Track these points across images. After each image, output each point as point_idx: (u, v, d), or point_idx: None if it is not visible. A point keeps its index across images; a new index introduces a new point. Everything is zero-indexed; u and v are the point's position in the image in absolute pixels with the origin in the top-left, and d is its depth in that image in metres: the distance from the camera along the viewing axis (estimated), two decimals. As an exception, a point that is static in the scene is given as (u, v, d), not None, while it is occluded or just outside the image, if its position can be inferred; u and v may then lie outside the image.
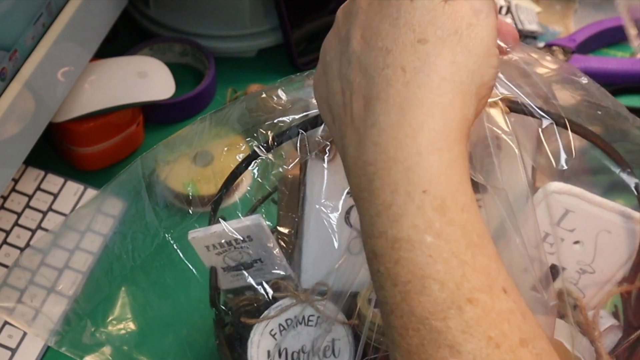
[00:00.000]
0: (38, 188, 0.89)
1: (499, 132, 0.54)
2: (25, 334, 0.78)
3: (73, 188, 0.89)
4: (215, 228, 0.62)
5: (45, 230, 0.86)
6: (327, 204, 0.62)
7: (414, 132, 0.46)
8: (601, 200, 0.58)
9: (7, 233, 0.86)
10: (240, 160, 0.62)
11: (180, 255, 0.63)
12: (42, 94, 0.81)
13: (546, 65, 0.57)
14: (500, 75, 0.55)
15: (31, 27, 0.77)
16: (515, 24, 1.04)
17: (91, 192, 0.89)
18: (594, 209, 0.58)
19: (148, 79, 0.92)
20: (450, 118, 0.47)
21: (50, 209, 0.88)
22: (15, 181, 0.89)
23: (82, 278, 0.78)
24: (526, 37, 1.04)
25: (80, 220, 0.73)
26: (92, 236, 0.77)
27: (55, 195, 0.89)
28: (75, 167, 0.93)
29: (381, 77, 0.48)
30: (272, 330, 0.61)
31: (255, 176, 0.62)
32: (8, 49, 0.75)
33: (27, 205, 0.88)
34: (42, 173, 0.90)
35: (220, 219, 0.63)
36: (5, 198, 0.88)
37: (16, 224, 0.87)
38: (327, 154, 0.62)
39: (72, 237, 0.75)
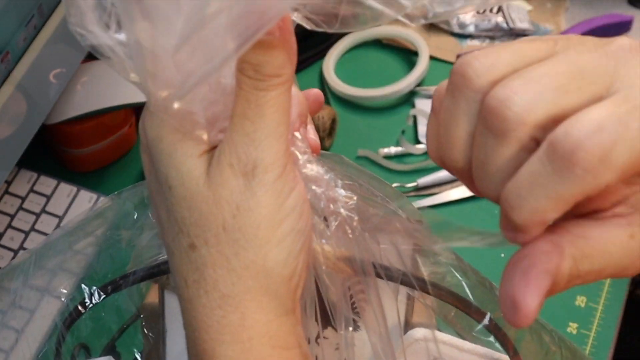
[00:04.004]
0: (31, 190, 0.89)
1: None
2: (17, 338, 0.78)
3: (66, 190, 0.89)
4: None
5: (39, 232, 0.86)
6: None
7: (209, 358, 0.40)
8: (470, 346, 0.55)
9: (1, 235, 0.86)
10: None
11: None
12: (35, 95, 0.81)
13: None
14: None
15: (23, 29, 0.77)
16: (507, 23, 1.04)
17: (84, 194, 0.89)
18: (463, 355, 0.56)
19: (140, 80, 0.92)
20: (245, 338, 0.39)
21: (43, 210, 0.88)
22: (8, 183, 0.89)
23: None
24: (517, 35, 1.04)
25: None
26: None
27: (49, 197, 0.89)
28: (68, 169, 0.93)
29: (176, 281, 0.41)
30: None
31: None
32: (0, 51, 0.75)
33: (21, 207, 0.88)
34: (35, 175, 0.90)
35: None
36: (-2, 200, 0.88)
37: (9, 226, 0.86)
38: None
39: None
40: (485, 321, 0.54)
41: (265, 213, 0.39)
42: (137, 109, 0.94)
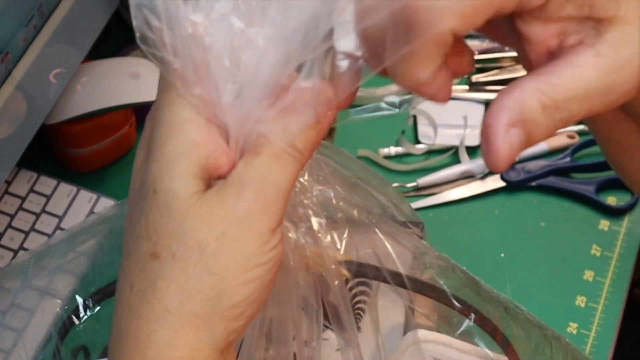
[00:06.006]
0: (31, 190, 0.89)
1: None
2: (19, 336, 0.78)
3: (66, 190, 0.89)
4: None
5: (39, 232, 0.86)
6: None
7: None
8: (470, 347, 0.56)
9: (1, 235, 0.86)
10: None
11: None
12: (35, 95, 0.81)
13: None
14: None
15: (23, 29, 0.77)
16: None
17: (84, 194, 0.89)
18: (462, 357, 0.56)
19: (140, 80, 0.92)
20: (168, 356, 0.38)
21: (43, 210, 0.88)
22: (8, 183, 0.89)
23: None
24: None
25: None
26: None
27: (49, 197, 0.89)
28: (68, 169, 0.93)
29: (119, 283, 0.40)
30: None
31: None
32: (0, 51, 0.75)
33: (20, 208, 0.88)
34: (35, 175, 0.90)
35: None
36: (-2, 200, 0.88)
37: (9, 226, 0.86)
38: None
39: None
40: (472, 317, 0.54)
41: (247, 252, 0.38)
42: (137, 109, 0.94)
